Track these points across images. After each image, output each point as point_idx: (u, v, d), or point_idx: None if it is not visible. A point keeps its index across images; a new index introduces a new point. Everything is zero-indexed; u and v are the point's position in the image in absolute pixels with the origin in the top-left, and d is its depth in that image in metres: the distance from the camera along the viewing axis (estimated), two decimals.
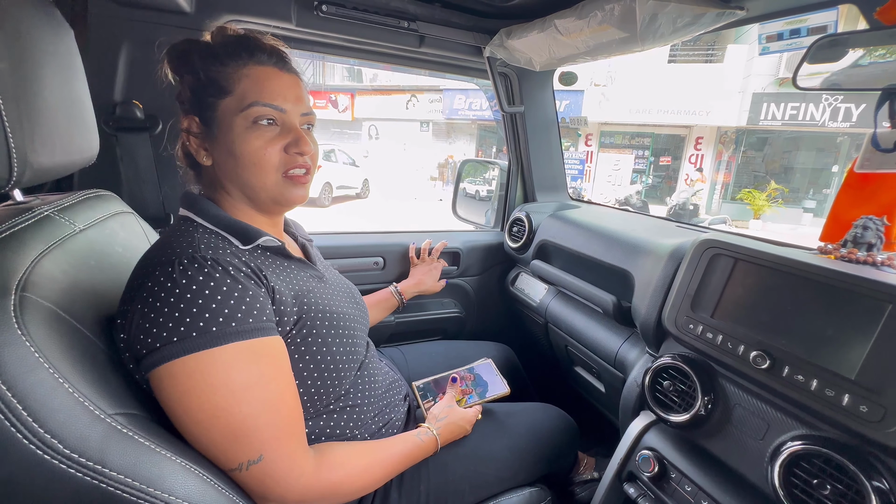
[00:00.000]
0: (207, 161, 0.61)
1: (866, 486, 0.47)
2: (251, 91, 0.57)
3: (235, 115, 0.57)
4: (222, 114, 0.58)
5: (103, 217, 0.64)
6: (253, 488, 0.50)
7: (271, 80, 0.59)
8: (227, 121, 0.58)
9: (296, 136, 0.60)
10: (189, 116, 0.60)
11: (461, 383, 0.90)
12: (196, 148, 0.61)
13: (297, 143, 0.60)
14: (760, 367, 0.59)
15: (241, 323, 0.49)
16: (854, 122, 8.64)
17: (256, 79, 0.58)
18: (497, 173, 1.60)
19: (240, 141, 0.57)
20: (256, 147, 0.58)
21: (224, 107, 0.58)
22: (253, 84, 0.57)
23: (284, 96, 0.59)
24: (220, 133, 0.58)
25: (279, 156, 0.59)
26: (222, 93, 0.57)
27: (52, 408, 0.37)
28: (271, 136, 0.59)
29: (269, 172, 0.59)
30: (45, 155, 0.49)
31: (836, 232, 0.69)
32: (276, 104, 0.58)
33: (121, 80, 0.91)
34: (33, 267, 0.43)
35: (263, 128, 0.58)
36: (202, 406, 0.47)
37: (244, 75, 0.58)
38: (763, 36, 7.14)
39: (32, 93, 0.47)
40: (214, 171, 0.61)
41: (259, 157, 0.58)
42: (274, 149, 0.59)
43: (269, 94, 0.58)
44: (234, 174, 0.59)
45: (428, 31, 1.12)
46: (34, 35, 0.49)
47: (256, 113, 0.57)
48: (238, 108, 0.57)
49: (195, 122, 0.60)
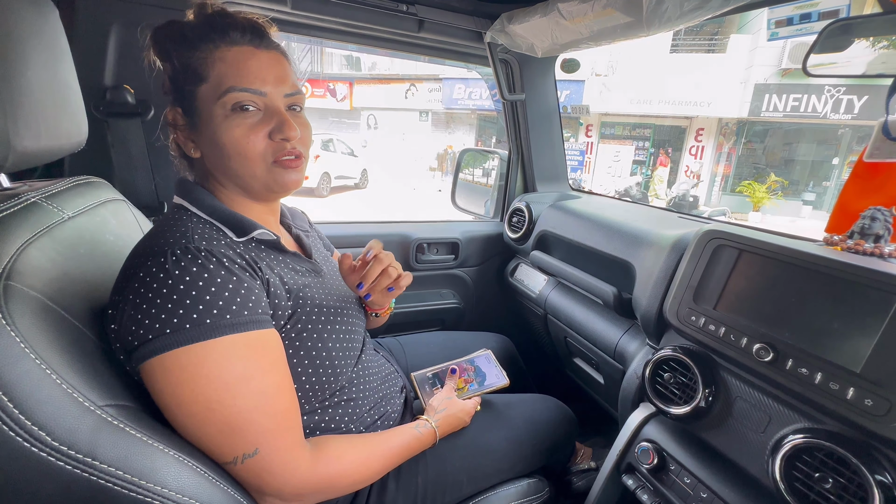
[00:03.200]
0: (196, 153, 0.58)
1: (869, 480, 0.47)
2: (226, 75, 0.53)
3: (213, 103, 0.53)
4: (201, 103, 0.54)
5: (94, 204, 0.62)
6: (249, 482, 0.50)
7: (247, 62, 0.54)
8: (206, 110, 0.54)
9: (279, 120, 0.55)
10: (174, 108, 0.57)
11: (460, 374, 0.90)
12: (184, 140, 0.58)
13: (280, 129, 0.55)
14: (763, 360, 0.59)
15: (236, 315, 0.48)
16: (856, 114, 8.58)
17: (231, 61, 0.53)
18: (497, 163, 1.58)
19: (220, 131, 0.54)
20: (238, 136, 0.54)
21: (202, 95, 0.54)
22: (228, 67, 0.53)
23: (263, 78, 0.55)
24: (201, 124, 0.55)
25: (264, 143, 0.55)
26: (198, 80, 0.54)
27: (40, 399, 0.36)
28: (253, 122, 0.55)
29: (255, 161, 0.56)
30: (29, 138, 0.47)
31: (843, 223, 0.68)
32: (254, 88, 0.54)
33: (111, 64, 0.89)
34: (18, 255, 0.42)
35: (244, 114, 0.54)
36: (196, 399, 0.46)
37: (218, 59, 0.53)
38: (772, 21, 6.97)
39: (14, 73, 0.45)
40: (204, 163, 0.59)
41: (242, 146, 0.54)
42: (257, 136, 0.55)
43: (246, 77, 0.54)
44: (221, 165, 0.57)
45: (427, 14, 1.09)
46: (15, 13, 0.47)
47: (234, 99, 0.53)
48: (215, 96, 0.53)
49: (179, 114, 0.57)
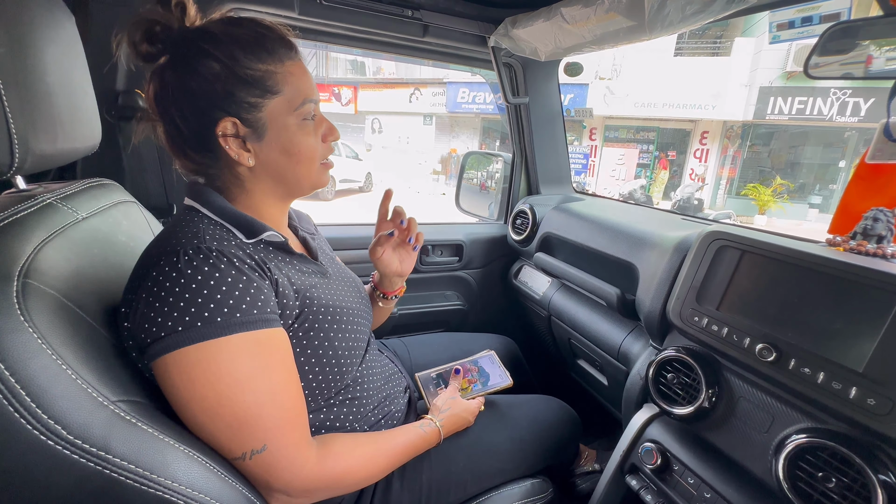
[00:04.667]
0: (251, 162, 0.58)
1: (872, 479, 0.47)
2: (300, 89, 0.58)
3: (288, 114, 0.57)
4: (272, 114, 0.56)
5: (106, 206, 0.64)
6: (256, 477, 0.51)
7: (306, 74, 0.60)
8: (279, 121, 0.57)
9: (329, 125, 0.63)
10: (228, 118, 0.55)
11: (464, 375, 0.90)
12: (237, 150, 0.57)
13: (332, 132, 0.63)
14: (766, 360, 0.59)
15: (246, 314, 0.49)
16: (863, 116, 8.52)
17: (299, 75, 0.58)
18: (501, 166, 1.59)
19: (297, 139, 0.58)
20: (311, 143, 0.60)
21: (273, 106, 0.56)
22: (299, 81, 0.58)
23: (314, 88, 0.61)
24: (270, 133, 0.57)
25: (319, 146, 0.62)
26: (269, 92, 0.56)
27: (56, 394, 0.37)
28: (314, 128, 0.61)
29: (314, 163, 0.62)
30: (46, 141, 0.48)
31: (846, 224, 0.68)
32: (316, 98, 0.61)
33: (123, 69, 0.91)
34: (36, 254, 0.43)
35: (310, 123, 0.60)
36: (206, 395, 0.47)
37: (289, 73, 0.57)
38: (774, 24, 6.99)
39: (33, 79, 0.47)
40: (249, 171, 0.59)
41: (312, 151, 0.60)
42: (318, 141, 0.61)
43: (313, 88, 0.60)
44: (284, 171, 0.60)
45: (432, 20, 1.10)
46: (35, 21, 0.48)
47: (309, 110, 0.59)
48: (291, 108, 0.57)
49: (236, 124, 0.56)
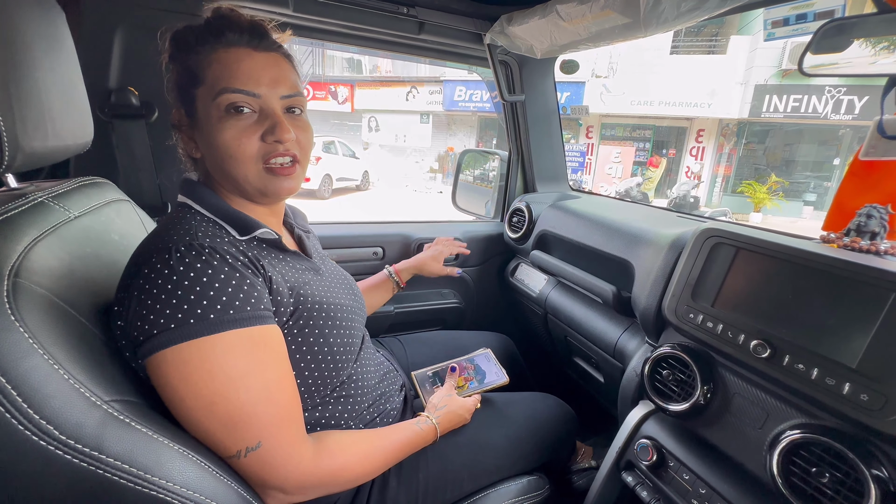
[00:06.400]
0: (197, 154, 0.60)
1: (865, 474, 0.47)
2: (220, 77, 0.54)
3: (209, 104, 0.54)
4: (200, 104, 0.56)
5: (99, 204, 0.63)
6: (251, 475, 0.50)
7: (242, 63, 0.54)
8: (204, 111, 0.55)
9: (272, 122, 0.55)
10: (178, 109, 0.58)
11: (460, 372, 0.90)
12: (186, 141, 0.59)
13: (273, 131, 0.55)
14: (761, 356, 0.59)
15: (239, 311, 0.49)
16: (857, 114, 8.58)
17: (225, 63, 0.54)
18: (497, 164, 1.59)
19: (215, 132, 0.54)
20: (230, 138, 0.54)
21: (200, 96, 0.55)
22: (222, 69, 0.54)
23: (257, 79, 0.55)
24: (200, 125, 0.56)
25: (257, 145, 0.55)
26: (196, 81, 0.55)
27: (48, 394, 0.37)
28: (246, 124, 0.55)
29: (247, 164, 0.56)
30: (37, 139, 0.48)
31: (840, 221, 0.68)
32: (247, 89, 0.54)
33: (115, 67, 0.90)
34: (27, 253, 0.43)
35: (238, 116, 0.54)
36: (200, 392, 0.46)
37: (213, 60, 0.54)
38: (769, 21, 7.03)
39: (23, 75, 0.46)
40: (205, 164, 0.60)
41: (234, 148, 0.55)
42: (250, 138, 0.55)
43: (239, 78, 0.54)
44: (218, 166, 0.58)
45: (427, 17, 1.10)
46: (23, 16, 0.48)
47: (227, 100, 0.54)
48: (210, 97, 0.54)
49: (182, 115, 0.58)
